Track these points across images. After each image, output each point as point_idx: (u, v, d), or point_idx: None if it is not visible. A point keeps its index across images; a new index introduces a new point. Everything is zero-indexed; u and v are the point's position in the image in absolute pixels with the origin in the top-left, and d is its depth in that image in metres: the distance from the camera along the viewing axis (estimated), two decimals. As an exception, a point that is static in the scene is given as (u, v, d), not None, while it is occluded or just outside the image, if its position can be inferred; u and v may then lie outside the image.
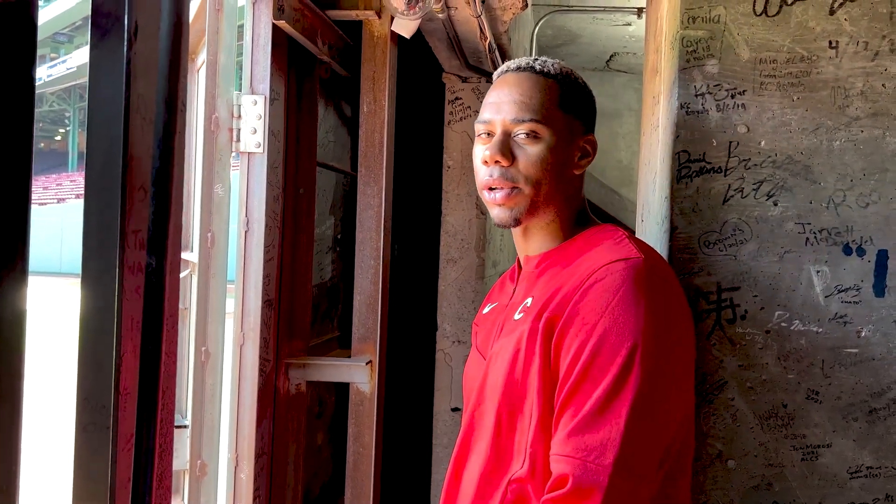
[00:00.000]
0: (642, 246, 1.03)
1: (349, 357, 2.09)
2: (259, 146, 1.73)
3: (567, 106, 1.09)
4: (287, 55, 1.92)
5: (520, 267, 1.19)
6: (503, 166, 1.06)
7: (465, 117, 2.83)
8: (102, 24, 0.89)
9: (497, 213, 1.10)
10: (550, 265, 1.09)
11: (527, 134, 1.07)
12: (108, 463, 0.84)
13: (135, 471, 0.83)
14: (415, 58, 2.71)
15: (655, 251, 1.05)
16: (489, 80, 2.84)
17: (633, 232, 1.07)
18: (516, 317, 1.06)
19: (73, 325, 0.90)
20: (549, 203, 1.09)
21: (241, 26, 1.79)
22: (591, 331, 0.94)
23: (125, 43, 0.83)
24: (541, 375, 0.98)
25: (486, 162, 1.07)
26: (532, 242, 1.14)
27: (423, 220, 2.96)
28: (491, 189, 1.09)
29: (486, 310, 1.23)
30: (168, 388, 0.90)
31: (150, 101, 0.81)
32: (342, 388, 2.48)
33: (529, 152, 1.07)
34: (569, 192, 1.11)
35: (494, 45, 2.35)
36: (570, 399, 0.93)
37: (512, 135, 1.07)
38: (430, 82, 2.90)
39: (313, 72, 2.09)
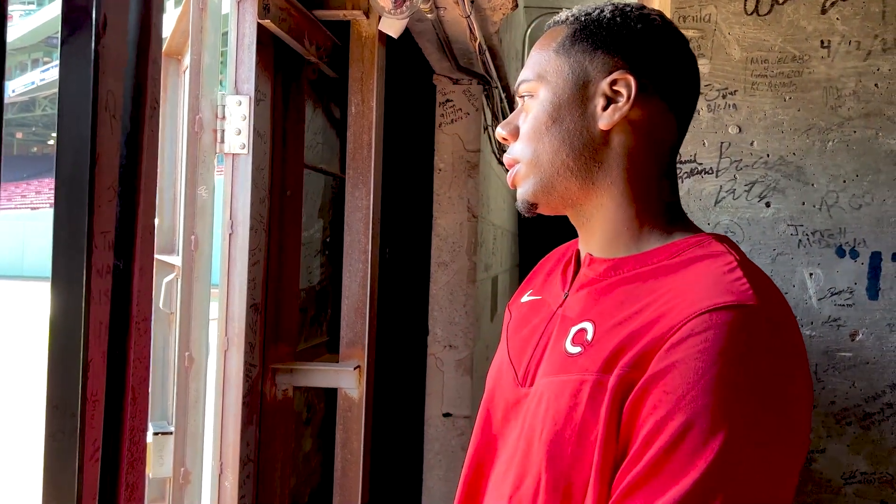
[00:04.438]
0: (759, 279, 0.73)
1: (338, 362, 2.06)
2: (244, 147, 1.70)
3: (571, 45, 0.82)
4: (273, 55, 1.90)
5: (577, 262, 0.89)
6: (508, 143, 0.87)
7: (457, 119, 2.81)
8: (73, 18, 0.86)
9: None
10: (622, 282, 0.79)
11: (523, 97, 0.86)
12: (76, 472, 0.81)
13: (102, 481, 0.80)
14: (405, 59, 2.68)
15: (774, 286, 0.75)
16: (480, 82, 2.83)
17: (740, 251, 0.78)
18: (570, 348, 0.79)
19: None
20: (570, 177, 0.82)
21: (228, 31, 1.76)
22: (676, 406, 0.67)
23: (93, 37, 0.80)
24: (603, 450, 0.71)
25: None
26: (592, 237, 0.85)
27: (415, 223, 2.93)
28: None
29: (525, 298, 0.97)
30: (139, 395, 0.87)
31: (118, 97, 0.78)
32: (332, 394, 2.45)
33: (525, 117, 0.85)
34: (599, 157, 0.81)
35: (485, 47, 2.33)
36: (633, 492, 0.68)
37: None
38: (420, 84, 2.88)
39: (300, 73, 2.06)
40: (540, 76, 0.83)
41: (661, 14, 0.84)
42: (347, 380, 1.96)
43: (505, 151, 0.89)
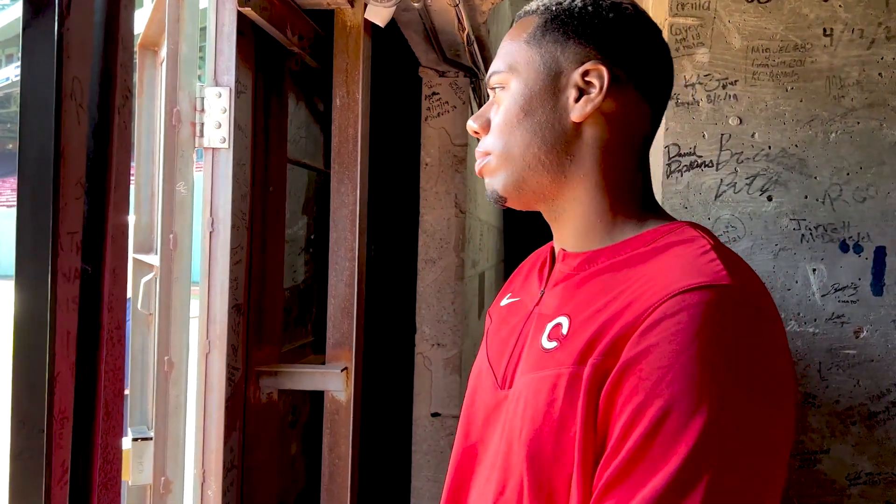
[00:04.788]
0: (733, 262, 0.69)
1: (324, 363, 1.99)
2: (224, 141, 1.63)
3: (542, 35, 0.79)
4: (254, 46, 1.82)
5: (552, 259, 0.87)
6: (479, 136, 0.84)
7: (443, 113, 2.74)
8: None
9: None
10: (597, 274, 0.77)
11: (494, 89, 0.82)
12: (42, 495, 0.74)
13: (71, 505, 0.73)
14: (390, 51, 2.61)
15: (749, 269, 0.72)
16: (467, 74, 2.76)
17: (715, 237, 0.75)
18: (546, 344, 0.76)
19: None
20: (542, 171, 0.79)
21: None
22: (653, 391, 0.64)
23: (56, 18, 0.73)
24: (582, 444, 0.68)
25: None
26: (566, 231, 0.82)
27: (401, 219, 2.87)
28: None
29: (504, 301, 0.94)
30: (113, 410, 0.80)
31: (84, 85, 0.71)
32: (317, 396, 2.38)
33: (497, 109, 0.82)
34: (572, 150, 0.78)
35: (473, 38, 2.26)
36: (615, 486, 0.64)
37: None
38: (406, 77, 2.81)
39: (283, 64, 1.98)
40: (511, 67, 0.81)
41: (634, 3, 0.82)
42: (334, 382, 1.90)
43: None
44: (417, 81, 2.78)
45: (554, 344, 0.75)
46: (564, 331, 0.75)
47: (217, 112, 1.62)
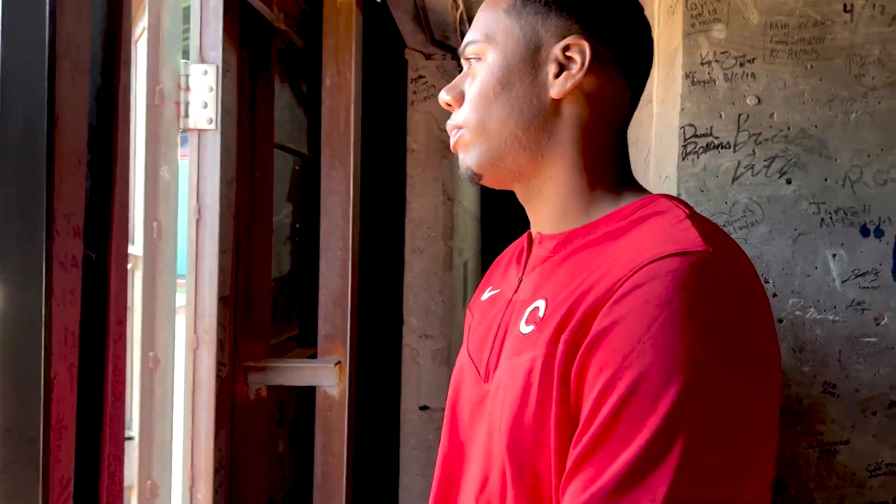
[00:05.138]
0: (710, 230, 0.67)
1: (311, 356, 1.90)
2: (211, 122, 1.53)
3: (522, 6, 0.76)
4: (239, 23, 1.72)
5: (530, 245, 0.84)
6: (451, 109, 0.80)
7: (430, 97, 2.66)
8: (18, -50, 0.68)
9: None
10: (573, 252, 0.74)
11: (469, 60, 0.78)
12: (37, 515, 0.65)
13: (73, 528, 0.64)
14: (374, 32, 2.52)
15: (729, 239, 0.69)
16: (454, 57, 2.68)
17: (691, 207, 0.72)
18: (524, 329, 0.73)
19: None
20: (518, 148, 0.76)
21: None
22: (623, 364, 0.61)
23: (48, -34, 0.63)
24: (558, 426, 0.65)
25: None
26: (542, 213, 0.79)
27: (387, 207, 2.78)
28: None
29: (484, 295, 0.91)
30: (115, 416, 0.71)
31: (82, 42, 0.61)
32: (303, 391, 2.29)
33: (472, 81, 0.78)
34: (550, 128, 0.75)
35: (466, 17, 2.18)
36: (585, 460, 0.61)
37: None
38: (391, 59, 2.72)
39: (269, 42, 1.88)
40: (488, 38, 0.76)
41: None
42: (327, 377, 1.81)
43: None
44: (403, 64, 2.69)
45: (531, 328, 0.72)
46: (541, 314, 0.72)
47: (203, 91, 1.52)
